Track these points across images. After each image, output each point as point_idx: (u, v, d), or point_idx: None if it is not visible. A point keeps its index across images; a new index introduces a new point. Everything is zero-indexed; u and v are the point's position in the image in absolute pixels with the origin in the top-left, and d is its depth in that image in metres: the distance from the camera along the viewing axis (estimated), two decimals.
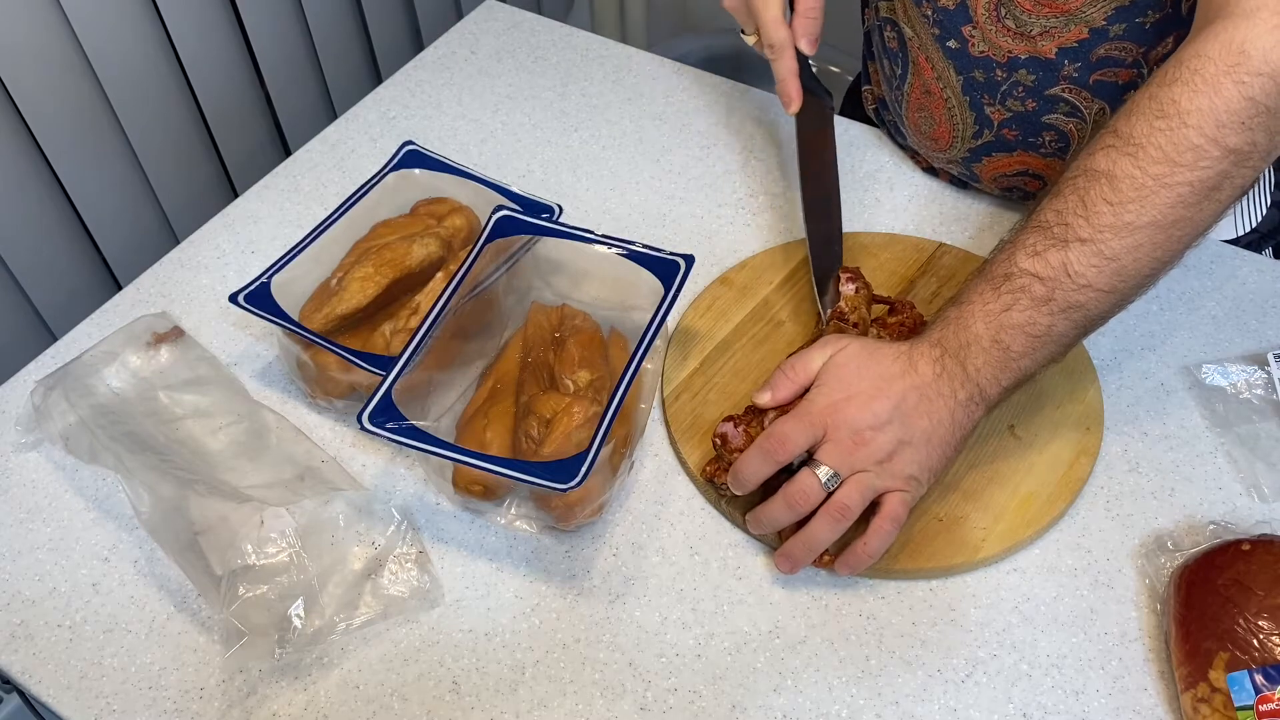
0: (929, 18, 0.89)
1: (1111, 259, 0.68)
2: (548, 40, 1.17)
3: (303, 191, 1.01)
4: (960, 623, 0.72)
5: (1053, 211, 0.70)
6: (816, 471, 0.70)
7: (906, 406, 0.70)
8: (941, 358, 0.71)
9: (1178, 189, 0.66)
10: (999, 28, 0.85)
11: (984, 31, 0.85)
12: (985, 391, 0.71)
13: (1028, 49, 0.85)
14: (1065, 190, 0.70)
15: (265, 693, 0.70)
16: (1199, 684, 0.65)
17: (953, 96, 0.91)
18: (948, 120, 0.93)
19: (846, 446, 0.70)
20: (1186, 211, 0.67)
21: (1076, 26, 0.82)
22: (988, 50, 0.86)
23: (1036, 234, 0.70)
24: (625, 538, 0.77)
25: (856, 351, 0.73)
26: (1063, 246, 0.69)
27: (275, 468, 0.76)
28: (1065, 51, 0.84)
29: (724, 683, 0.70)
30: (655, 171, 1.02)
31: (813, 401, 0.72)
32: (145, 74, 1.08)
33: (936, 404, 0.71)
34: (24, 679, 0.71)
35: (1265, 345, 0.86)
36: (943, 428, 0.71)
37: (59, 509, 0.79)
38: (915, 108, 0.95)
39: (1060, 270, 0.68)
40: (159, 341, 0.85)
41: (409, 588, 0.73)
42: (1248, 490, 0.78)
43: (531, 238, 0.84)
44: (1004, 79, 0.87)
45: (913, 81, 0.94)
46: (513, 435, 0.76)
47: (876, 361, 0.72)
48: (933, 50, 0.90)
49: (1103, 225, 0.68)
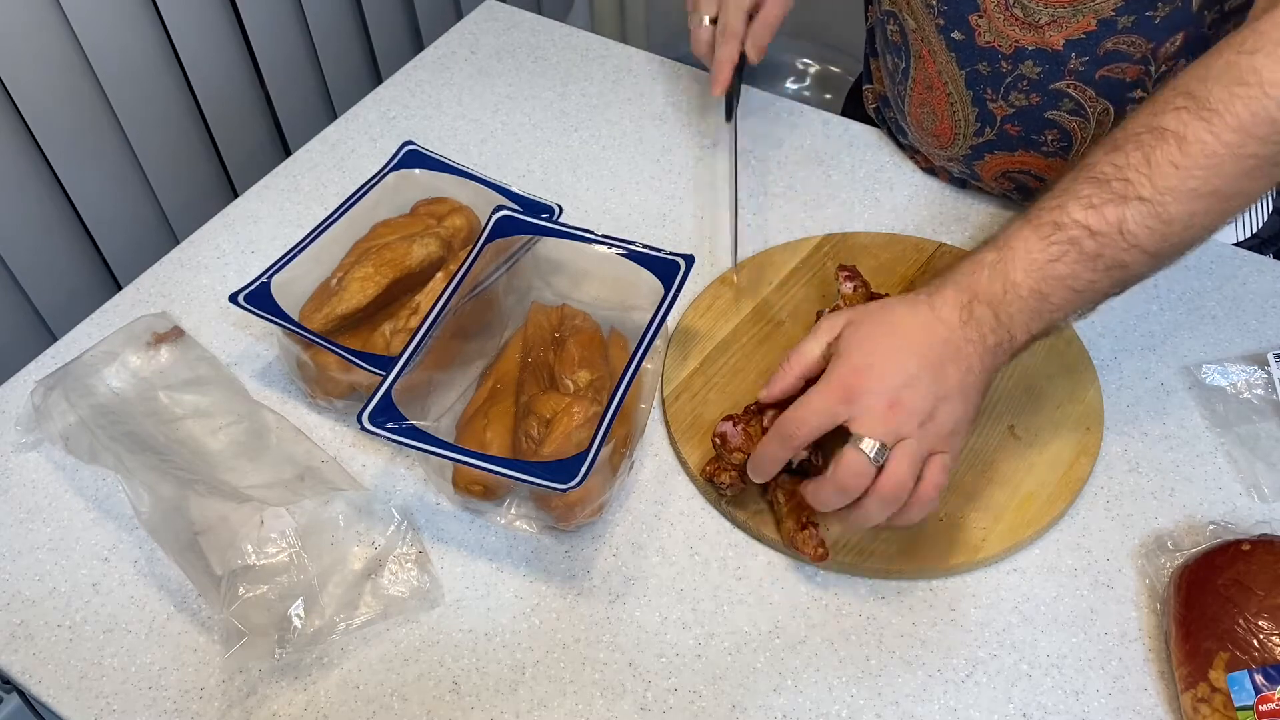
0: (933, 8, 0.88)
1: (1167, 223, 0.65)
2: (548, 40, 1.17)
3: (303, 191, 1.01)
4: (960, 623, 0.72)
5: (1111, 165, 0.67)
6: (861, 447, 0.66)
7: (935, 358, 0.67)
8: (970, 304, 0.68)
9: (1247, 161, 0.64)
10: (1007, 16, 0.84)
11: (991, 20, 0.85)
12: (1015, 339, 0.68)
13: (1035, 40, 0.84)
14: (1127, 146, 0.67)
15: (265, 693, 0.70)
16: (1199, 684, 0.65)
17: (955, 91, 0.91)
18: (950, 116, 0.93)
19: (882, 412, 0.66)
20: (1250, 184, 0.65)
21: (1085, 17, 0.81)
22: (993, 40, 0.86)
23: (1092, 186, 0.67)
24: (625, 538, 0.77)
25: (869, 312, 0.70)
26: (1121, 203, 0.66)
27: (275, 468, 0.76)
28: (1072, 44, 0.83)
29: (724, 683, 0.70)
30: (655, 171, 1.02)
31: (833, 372, 0.68)
32: (145, 74, 1.08)
33: (965, 351, 0.68)
34: (24, 679, 0.71)
35: (1265, 345, 0.86)
36: (972, 375, 0.68)
37: (59, 509, 0.79)
38: (918, 103, 0.95)
39: (1115, 228, 0.66)
40: (159, 341, 0.85)
41: (409, 588, 0.73)
42: (1248, 490, 0.77)
43: (531, 238, 0.84)
44: (1009, 71, 0.87)
45: (915, 76, 0.94)
46: (513, 435, 0.76)
47: (894, 316, 0.69)
48: (935, 42, 0.90)
49: (1165, 188, 0.65)
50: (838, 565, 0.74)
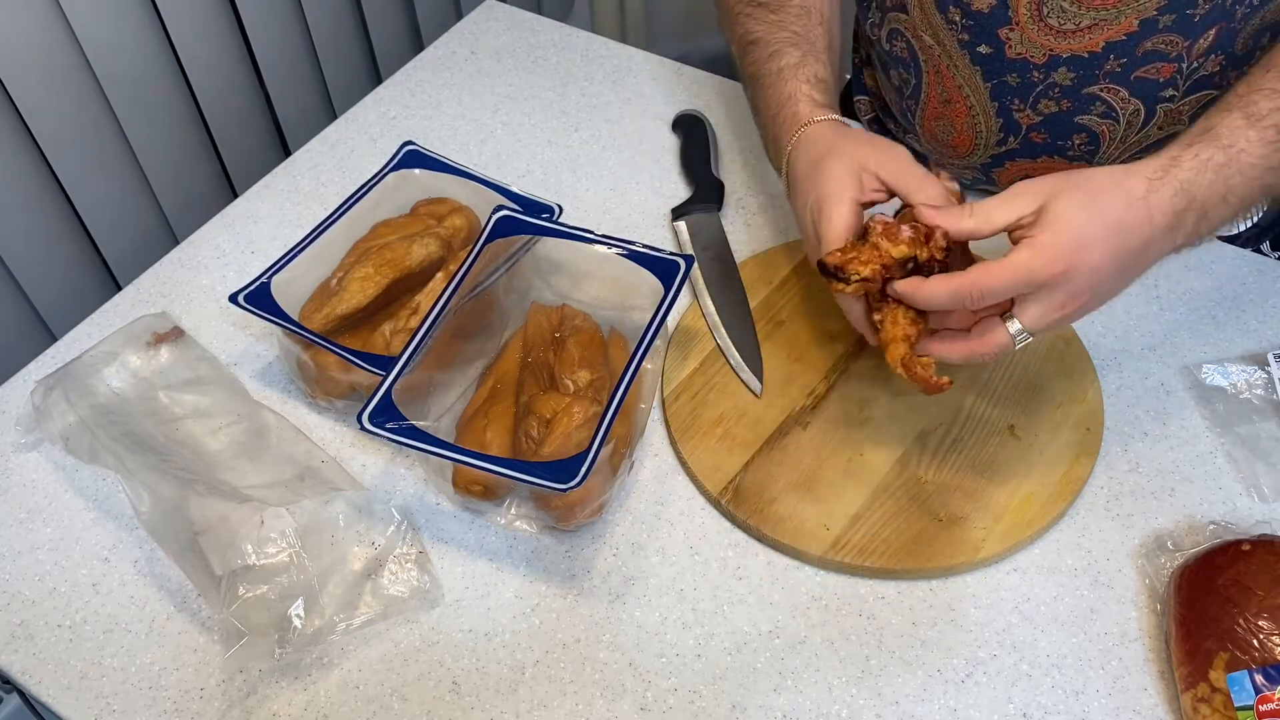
0: (957, 24, 0.86)
1: None
2: (548, 40, 1.17)
3: (303, 191, 1.01)
4: (960, 623, 0.72)
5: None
6: (1010, 328, 0.66)
7: (1131, 261, 0.66)
8: (1184, 211, 0.66)
9: None
10: (1041, 26, 0.83)
11: (1024, 32, 0.83)
12: (1198, 241, 0.68)
13: (1069, 47, 0.83)
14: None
15: (265, 693, 0.70)
16: (1199, 684, 0.65)
17: (978, 104, 0.89)
18: (970, 128, 0.91)
19: (1053, 308, 0.66)
20: None
21: (1127, 18, 0.80)
22: (1025, 52, 0.84)
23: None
24: (625, 538, 0.77)
25: (1085, 191, 0.66)
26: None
27: (275, 468, 0.76)
28: (1112, 46, 0.82)
29: (724, 683, 0.70)
30: (655, 171, 1.02)
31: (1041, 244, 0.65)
32: (145, 74, 1.08)
33: (1154, 254, 0.66)
34: (24, 679, 0.71)
35: (1265, 345, 0.86)
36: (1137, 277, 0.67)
37: (59, 509, 0.79)
38: (933, 116, 0.94)
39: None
40: (159, 341, 0.85)
41: (409, 588, 0.73)
42: (1248, 490, 0.77)
43: (531, 238, 0.84)
44: (1040, 80, 0.85)
45: (929, 92, 0.92)
46: (513, 435, 0.76)
47: (1110, 206, 0.65)
48: (958, 57, 0.88)
49: None
50: (838, 565, 0.74)
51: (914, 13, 0.89)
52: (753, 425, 0.81)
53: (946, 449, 0.79)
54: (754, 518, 0.76)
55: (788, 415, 0.81)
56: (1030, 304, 0.66)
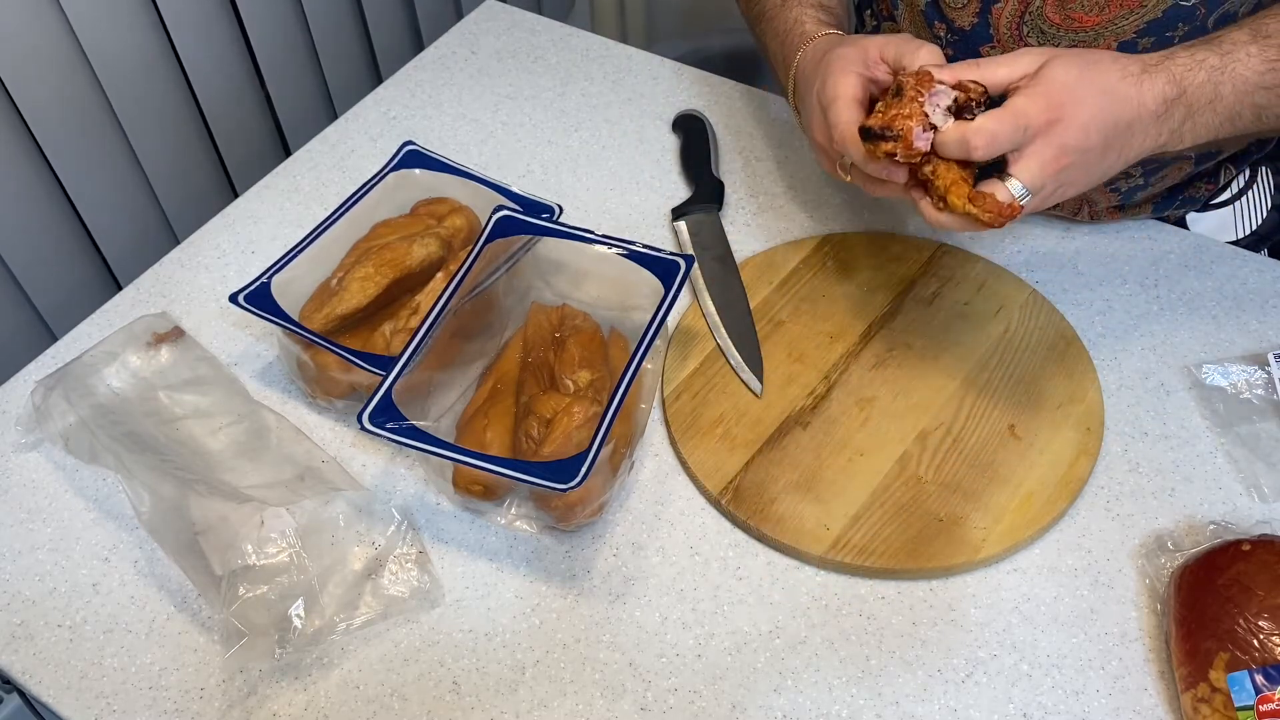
0: (942, 39, 0.87)
1: None
2: (548, 40, 1.17)
3: (303, 191, 1.01)
4: (960, 623, 0.72)
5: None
6: (1009, 185, 0.67)
7: (1116, 135, 0.67)
8: (1175, 101, 0.68)
9: None
10: (1020, 46, 0.82)
11: (1005, 50, 0.84)
12: (1181, 143, 0.69)
13: None
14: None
15: (265, 693, 0.70)
16: (1199, 684, 0.65)
17: None
18: None
19: (1047, 162, 0.67)
20: None
21: (1105, 41, 0.81)
22: None
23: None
24: (625, 538, 0.77)
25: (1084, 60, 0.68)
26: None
27: (275, 468, 0.76)
28: None
29: (724, 683, 0.70)
30: (655, 171, 1.02)
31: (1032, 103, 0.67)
32: (145, 74, 1.08)
33: (1139, 139, 0.68)
34: (24, 679, 0.71)
35: (1265, 345, 0.86)
36: (1122, 162, 0.68)
37: (59, 509, 0.79)
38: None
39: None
40: (159, 341, 0.85)
41: (409, 588, 0.73)
42: (1248, 490, 0.78)
43: (531, 238, 0.84)
44: None
45: None
46: (513, 435, 0.76)
47: (1106, 77, 0.68)
48: None
49: None
50: (838, 565, 0.74)
51: (904, 25, 0.91)
52: (753, 425, 0.81)
53: (946, 449, 0.79)
54: (754, 518, 0.76)
55: (788, 415, 0.81)
56: (1025, 158, 0.67)
